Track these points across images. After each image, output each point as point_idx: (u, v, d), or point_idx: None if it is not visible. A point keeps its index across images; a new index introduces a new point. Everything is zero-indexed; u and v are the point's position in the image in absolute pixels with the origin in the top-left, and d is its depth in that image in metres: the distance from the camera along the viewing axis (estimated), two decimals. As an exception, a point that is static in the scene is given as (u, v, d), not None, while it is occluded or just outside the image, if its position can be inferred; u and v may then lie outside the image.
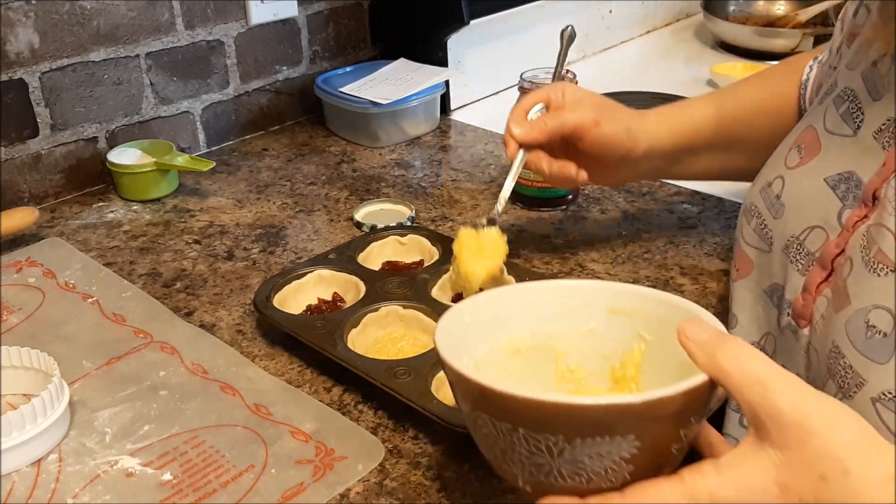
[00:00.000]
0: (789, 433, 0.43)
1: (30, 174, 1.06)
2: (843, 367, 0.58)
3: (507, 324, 0.60)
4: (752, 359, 0.45)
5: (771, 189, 0.70)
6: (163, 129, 1.17)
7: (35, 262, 0.93)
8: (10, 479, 0.64)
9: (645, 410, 0.45)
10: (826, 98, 0.69)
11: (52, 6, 1.02)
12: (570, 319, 0.60)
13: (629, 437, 0.45)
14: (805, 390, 0.44)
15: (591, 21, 1.61)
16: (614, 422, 0.45)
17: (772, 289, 0.69)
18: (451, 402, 0.67)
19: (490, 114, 1.34)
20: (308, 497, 0.61)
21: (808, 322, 0.64)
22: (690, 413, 0.47)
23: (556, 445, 0.46)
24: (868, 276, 0.57)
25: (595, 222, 1.01)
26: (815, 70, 0.83)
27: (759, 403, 0.44)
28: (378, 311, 0.78)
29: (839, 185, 0.63)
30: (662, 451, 0.47)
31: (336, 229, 1.00)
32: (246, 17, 1.21)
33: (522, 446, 0.47)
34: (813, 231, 0.64)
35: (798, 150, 0.69)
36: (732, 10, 1.73)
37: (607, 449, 0.45)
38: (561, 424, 0.45)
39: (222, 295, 0.88)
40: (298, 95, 1.32)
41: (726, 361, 0.45)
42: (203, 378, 0.74)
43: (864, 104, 0.64)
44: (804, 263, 0.64)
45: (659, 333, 0.56)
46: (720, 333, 0.47)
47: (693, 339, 0.47)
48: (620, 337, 0.58)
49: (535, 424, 0.46)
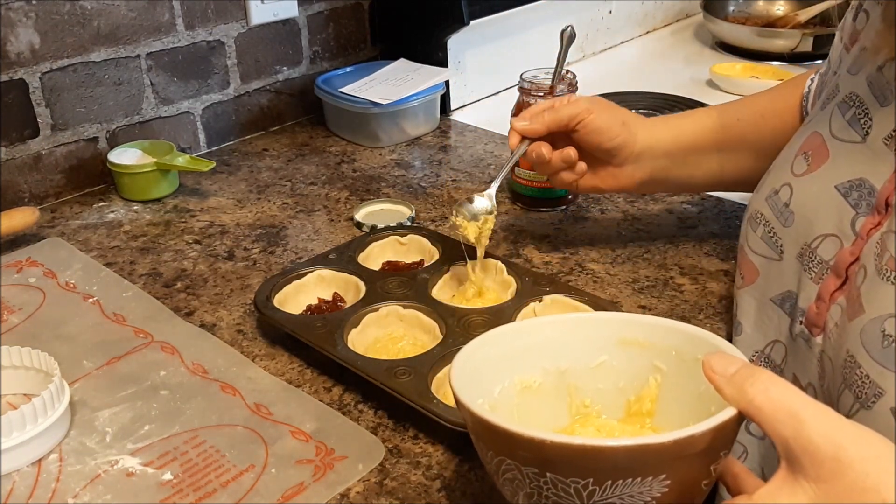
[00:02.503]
0: (824, 466, 0.42)
1: (30, 174, 1.06)
2: (860, 376, 0.57)
3: (517, 362, 0.58)
4: (783, 392, 0.44)
5: (778, 197, 0.69)
6: (163, 130, 1.17)
7: (35, 262, 0.93)
8: (11, 478, 0.64)
9: (675, 449, 0.44)
10: (829, 103, 0.69)
11: (52, 6, 1.02)
12: (579, 353, 0.59)
13: (660, 477, 0.45)
14: (839, 422, 0.43)
15: (591, 21, 1.61)
16: (645, 463, 0.44)
17: (783, 297, 0.68)
18: (451, 402, 0.67)
19: (490, 114, 1.34)
20: (308, 497, 0.61)
21: (822, 330, 0.63)
22: (720, 448, 0.47)
23: (585, 489, 0.45)
24: (881, 283, 0.57)
25: (595, 222, 1.01)
26: (817, 81, 0.83)
27: (793, 437, 0.43)
28: (378, 311, 0.78)
29: (851, 193, 0.62)
30: (692, 487, 0.47)
31: (336, 229, 1.00)
32: (246, 18, 1.21)
33: (550, 490, 0.46)
34: (826, 239, 0.64)
35: (805, 157, 0.68)
36: (732, 11, 1.73)
37: (638, 490, 0.45)
38: (590, 468, 0.44)
39: (223, 295, 0.88)
40: (299, 96, 1.32)
41: (757, 395, 0.44)
42: (203, 378, 0.74)
43: (871, 109, 0.63)
44: (817, 272, 0.64)
45: (674, 364, 0.55)
46: (747, 365, 0.47)
47: (720, 372, 0.47)
48: (633, 368, 0.57)
49: (563, 468, 0.45)
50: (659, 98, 1.42)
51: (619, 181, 0.87)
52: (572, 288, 0.82)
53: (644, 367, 0.57)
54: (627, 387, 0.58)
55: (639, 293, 0.87)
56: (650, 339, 0.56)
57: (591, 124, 0.82)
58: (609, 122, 0.83)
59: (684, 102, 1.39)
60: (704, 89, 1.47)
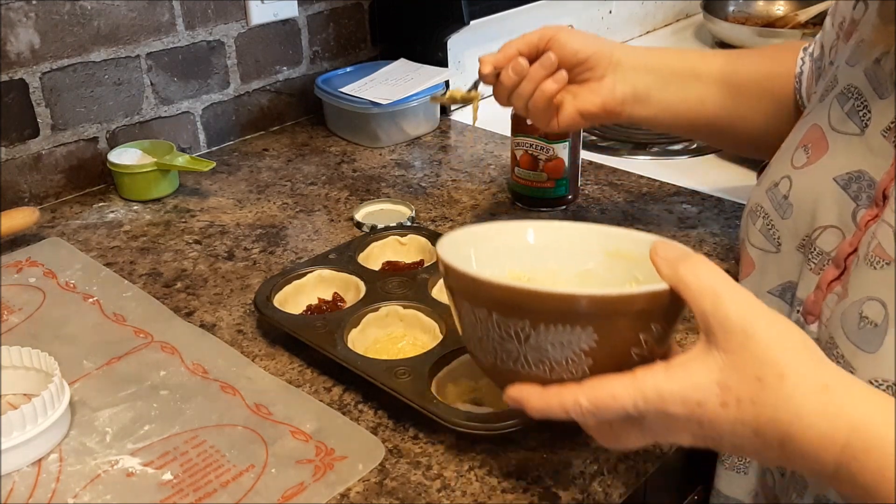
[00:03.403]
0: (733, 337, 0.46)
1: (30, 174, 1.06)
2: (836, 356, 0.59)
3: (508, 256, 0.63)
4: (709, 272, 0.49)
5: (778, 189, 0.69)
6: (163, 130, 1.17)
7: (36, 262, 0.93)
8: (11, 478, 0.64)
9: (603, 304, 0.49)
10: (827, 95, 0.69)
11: (52, 6, 1.02)
12: (568, 258, 0.63)
13: (588, 329, 0.49)
14: (754, 302, 0.48)
15: (591, 21, 1.61)
16: (574, 311, 0.49)
17: (783, 287, 0.69)
18: (451, 402, 0.67)
19: (490, 114, 1.34)
20: (308, 497, 0.61)
21: (816, 318, 0.64)
22: (650, 318, 0.50)
23: (523, 331, 0.50)
24: (866, 269, 0.58)
25: (595, 222, 1.01)
26: (808, 64, 0.83)
27: (711, 311, 0.47)
28: (378, 311, 0.78)
29: (850, 185, 0.63)
30: (621, 350, 0.51)
31: (336, 229, 1.00)
32: (246, 18, 1.21)
33: (495, 332, 0.52)
34: (826, 231, 0.64)
35: (805, 149, 0.68)
36: (732, 11, 1.73)
37: (568, 338, 0.50)
38: (527, 310, 0.50)
39: (223, 295, 0.88)
40: (299, 96, 1.32)
41: (687, 274, 0.49)
42: (203, 378, 0.74)
43: (869, 102, 0.63)
44: (817, 263, 0.64)
45: (649, 275, 0.57)
46: (687, 251, 0.51)
47: (662, 255, 0.51)
48: (615, 278, 0.61)
49: (506, 310, 0.51)
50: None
51: (600, 97, 0.83)
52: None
53: (624, 276, 0.61)
54: None
55: (639, 293, 0.86)
56: (633, 251, 0.60)
57: (562, 38, 0.83)
58: (582, 35, 0.84)
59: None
60: (704, 89, 1.47)
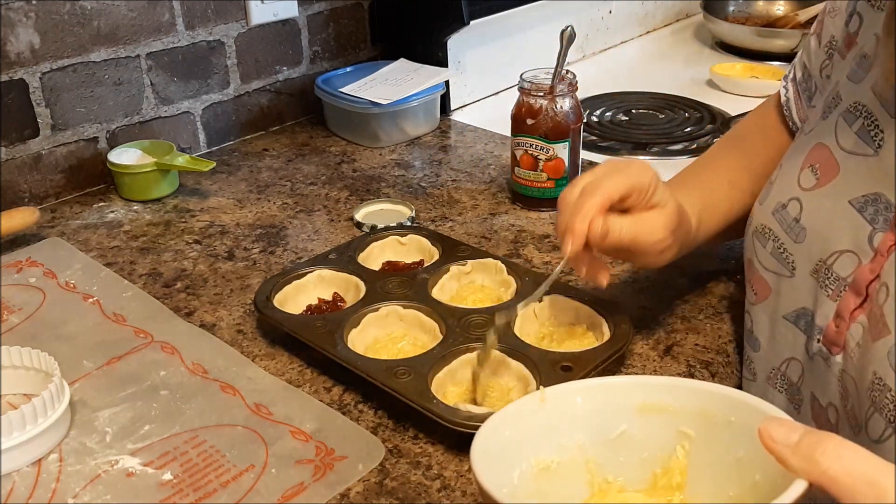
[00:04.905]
0: None
1: (30, 174, 1.06)
2: (891, 399, 0.56)
3: (534, 440, 0.53)
4: (856, 459, 0.41)
5: (787, 211, 0.67)
6: (163, 130, 1.17)
7: (35, 262, 0.93)
8: (11, 478, 0.64)
9: None
10: (830, 113, 0.67)
11: (52, 6, 1.02)
12: (596, 424, 0.53)
13: None
14: None
15: (591, 21, 1.61)
16: None
17: (798, 314, 0.67)
18: (451, 402, 0.67)
19: (490, 114, 1.34)
20: (308, 497, 0.61)
21: (842, 349, 0.62)
22: None
23: None
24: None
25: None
26: (792, 89, 0.81)
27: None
28: (378, 311, 0.78)
29: (866, 208, 0.61)
30: None
31: (336, 229, 1.00)
32: (246, 18, 1.21)
33: None
34: (842, 255, 0.62)
35: (812, 170, 0.66)
36: (732, 11, 1.73)
37: None
38: None
39: (223, 295, 0.88)
40: (298, 96, 1.32)
41: (832, 465, 0.41)
42: (203, 378, 0.74)
43: (881, 121, 0.61)
44: (834, 289, 0.62)
45: (703, 428, 0.50)
46: (811, 432, 0.43)
47: (783, 442, 0.42)
48: (657, 437, 0.52)
49: None
50: (659, 98, 1.42)
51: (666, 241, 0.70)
52: (572, 288, 0.82)
53: (669, 434, 0.51)
54: (652, 458, 0.52)
55: (639, 293, 0.87)
56: (671, 402, 0.51)
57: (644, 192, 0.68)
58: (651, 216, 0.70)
59: (684, 102, 1.39)
60: (704, 89, 1.47)
